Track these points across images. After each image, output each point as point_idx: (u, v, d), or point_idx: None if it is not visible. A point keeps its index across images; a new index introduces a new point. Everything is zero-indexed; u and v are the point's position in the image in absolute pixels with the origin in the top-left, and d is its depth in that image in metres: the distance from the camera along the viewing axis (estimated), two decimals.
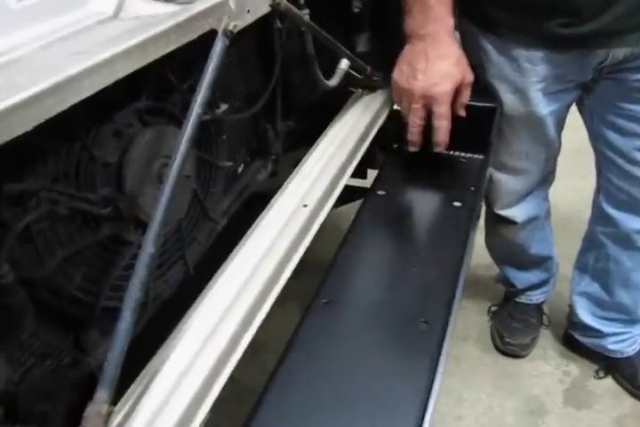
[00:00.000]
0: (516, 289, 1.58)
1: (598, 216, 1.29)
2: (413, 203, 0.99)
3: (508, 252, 1.48)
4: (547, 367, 1.54)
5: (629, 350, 1.44)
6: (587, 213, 1.37)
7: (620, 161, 1.13)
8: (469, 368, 1.55)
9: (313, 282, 0.80)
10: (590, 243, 1.36)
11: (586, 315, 1.43)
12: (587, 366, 1.53)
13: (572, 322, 1.51)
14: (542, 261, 1.51)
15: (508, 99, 1.07)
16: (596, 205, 1.29)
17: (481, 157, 0.96)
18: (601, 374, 1.50)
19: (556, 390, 1.48)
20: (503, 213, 1.32)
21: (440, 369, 0.68)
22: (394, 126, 1.04)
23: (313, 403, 0.65)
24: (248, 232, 0.76)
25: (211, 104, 0.72)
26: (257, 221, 0.77)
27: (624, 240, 1.25)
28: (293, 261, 0.75)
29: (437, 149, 0.96)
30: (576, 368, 1.53)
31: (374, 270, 0.82)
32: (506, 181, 1.24)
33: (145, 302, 0.69)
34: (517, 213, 1.32)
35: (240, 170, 0.97)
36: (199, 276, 0.76)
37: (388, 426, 0.63)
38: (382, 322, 0.74)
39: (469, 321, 1.68)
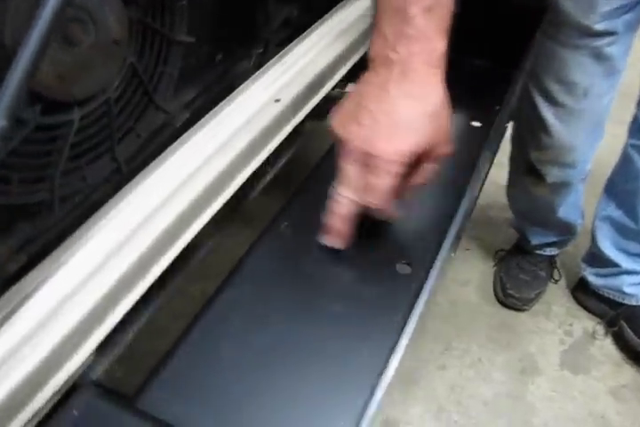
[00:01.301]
0: (529, 244, 1.42)
1: (635, 129, 1.12)
2: None
3: (531, 208, 1.31)
4: (548, 325, 1.41)
5: None
6: None
7: None
8: (464, 315, 1.42)
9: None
10: (622, 161, 1.19)
11: (606, 244, 1.29)
12: (592, 328, 1.40)
13: (589, 255, 1.36)
14: (566, 225, 1.34)
15: (569, 5, 0.86)
16: (635, 118, 1.11)
17: (512, 70, 0.76)
18: (600, 332, 1.36)
19: (554, 351, 1.35)
20: (537, 165, 1.14)
21: (411, 324, 0.53)
22: None
23: (246, 352, 0.52)
24: (197, 124, 0.60)
25: None
26: (212, 112, 0.60)
27: None
28: (251, 164, 0.60)
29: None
30: (580, 329, 1.40)
31: None
32: (551, 124, 1.05)
33: (50, 201, 0.54)
34: (550, 171, 1.14)
35: (218, 57, 0.79)
36: (133, 175, 0.60)
37: (336, 388, 0.49)
38: (352, 259, 0.59)
39: (472, 265, 1.54)
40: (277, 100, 0.62)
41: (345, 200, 0.54)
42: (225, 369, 0.51)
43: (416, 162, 0.54)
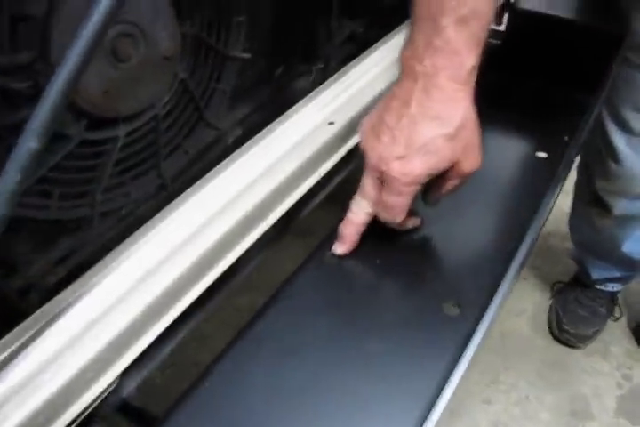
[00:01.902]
0: (590, 278, 1.33)
1: None
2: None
3: (593, 240, 1.23)
4: (604, 366, 1.32)
5: None
6: None
7: None
8: (515, 348, 1.35)
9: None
10: None
11: None
12: None
13: None
14: (631, 261, 1.25)
15: None
16: None
17: (586, 96, 0.71)
18: None
19: (610, 395, 1.27)
20: (604, 195, 1.07)
21: (460, 370, 0.49)
22: None
23: (278, 388, 0.49)
24: (248, 143, 0.58)
25: None
26: (265, 131, 0.58)
27: None
28: (300, 188, 0.57)
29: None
30: None
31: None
32: (623, 152, 0.98)
33: (90, 217, 0.53)
34: (617, 203, 1.07)
35: (277, 73, 0.77)
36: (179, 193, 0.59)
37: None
38: (398, 297, 0.55)
39: (528, 295, 1.46)
40: (331, 123, 0.59)
41: (360, 211, 0.56)
42: (254, 406, 0.48)
43: (441, 175, 0.53)
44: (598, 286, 1.36)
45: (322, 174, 0.58)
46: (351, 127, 0.62)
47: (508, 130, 0.75)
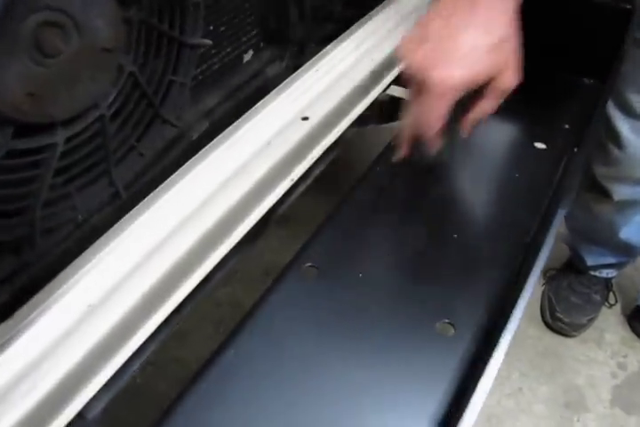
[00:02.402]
0: (584, 264, 1.29)
1: None
2: (474, 137, 0.69)
3: (589, 227, 1.18)
4: (599, 354, 1.28)
5: None
6: None
7: None
8: None
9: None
10: None
11: None
12: None
13: None
14: (628, 247, 1.21)
15: None
16: None
17: (592, 81, 0.64)
18: None
19: (604, 385, 1.23)
20: (603, 181, 1.02)
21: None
22: None
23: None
24: (214, 141, 0.50)
25: None
26: (229, 131, 0.51)
27: None
28: (272, 193, 0.50)
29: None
30: (636, 362, 1.26)
31: (393, 234, 0.55)
32: (626, 138, 0.92)
33: (31, 236, 0.46)
34: (618, 188, 1.02)
35: (247, 58, 0.69)
36: (135, 202, 0.51)
37: None
38: (384, 315, 0.49)
39: None
40: (305, 118, 0.51)
41: (405, 126, 0.57)
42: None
43: (476, 95, 0.54)
44: (592, 273, 1.31)
45: (295, 179, 0.51)
46: (328, 123, 0.55)
47: (505, 120, 0.68)
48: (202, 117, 0.62)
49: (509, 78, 0.53)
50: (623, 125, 0.91)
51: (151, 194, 0.51)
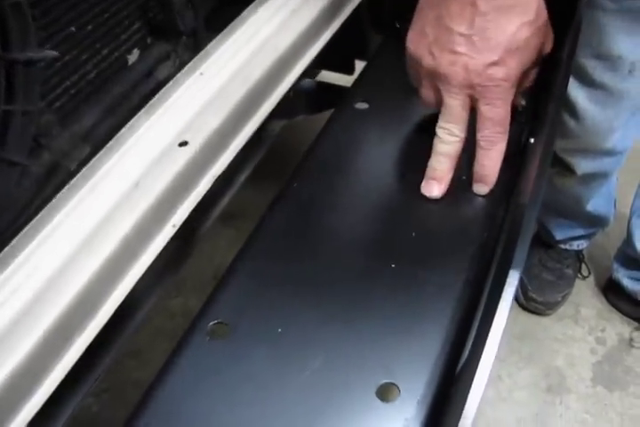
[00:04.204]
0: (553, 238, 1.21)
1: None
2: (414, 127, 0.60)
3: (556, 201, 1.10)
4: (577, 331, 1.23)
5: None
6: None
7: None
8: None
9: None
10: None
11: None
12: (627, 332, 1.21)
13: (623, 256, 1.17)
14: (597, 218, 1.14)
15: None
16: None
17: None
18: (638, 339, 1.18)
19: (584, 363, 1.18)
20: (563, 155, 0.93)
21: None
22: None
23: None
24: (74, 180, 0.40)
25: None
26: (85, 171, 0.40)
27: None
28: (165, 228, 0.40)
29: (479, 190, 0.51)
30: (614, 335, 1.21)
31: (317, 269, 0.46)
32: (583, 108, 0.84)
33: None
34: (580, 161, 0.94)
35: (133, 59, 0.58)
36: None
37: None
38: (311, 380, 0.40)
39: None
40: (184, 144, 0.41)
41: (453, 139, 0.48)
42: None
43: None
44: (563, 246, 1.24)
45: (177, 225, 0.41)
46: (212, 149, 0.43)
47: None
48: (79, 142, 0.51)
49: (550, 42, 0.50)
50: (578, 94, 0.82)
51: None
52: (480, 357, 0.35)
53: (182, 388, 0.40)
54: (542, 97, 0.51)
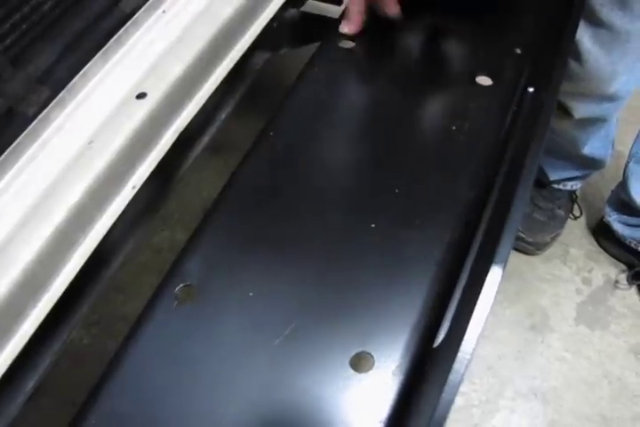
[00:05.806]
0: (547, 178, 1.18)
1: None
2: (403, 69, 0.56)
3: (553, 142, 1.06)
4: (564, 271, 1.23)
5: None
6: None
7: None
8: None
9: None
10: None
11: (639, 191, 1.07)
12: (614, 274, 1.21)
13: (617, 200, 1.15)
14: (593, 161, 1.10)
15: None
16: None
17: None
18: (623, 281, 1.19)
19: (569, 303, 1.18)
20: (561, 98, 0.88)
21: None
22: None
23: None
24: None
25: None
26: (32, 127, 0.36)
27: None
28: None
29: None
30: (600, 276, 1.21)
31: (293, 226, 0.43)
32: (586, 49, 0.78)
33: None
34: (578, 105, 0.88)
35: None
36: None
37: None
38: (284, 346, 0.39)
39: None
40: (141, 96, 0.37)
41: None
42: None
43: None
44: (556, 186, 1.22)
45: (137, 186, 0.37)
46: (170, 100, 0.39)
47: (441, 46, 0.54)
48: (35, 84, 0.47)
49: None
50: (583, 34, 0.76)
51: None
52: (464, 333, 0.34)
53: (149, 356, 0.38)
54: (543, 46, 0.46)
